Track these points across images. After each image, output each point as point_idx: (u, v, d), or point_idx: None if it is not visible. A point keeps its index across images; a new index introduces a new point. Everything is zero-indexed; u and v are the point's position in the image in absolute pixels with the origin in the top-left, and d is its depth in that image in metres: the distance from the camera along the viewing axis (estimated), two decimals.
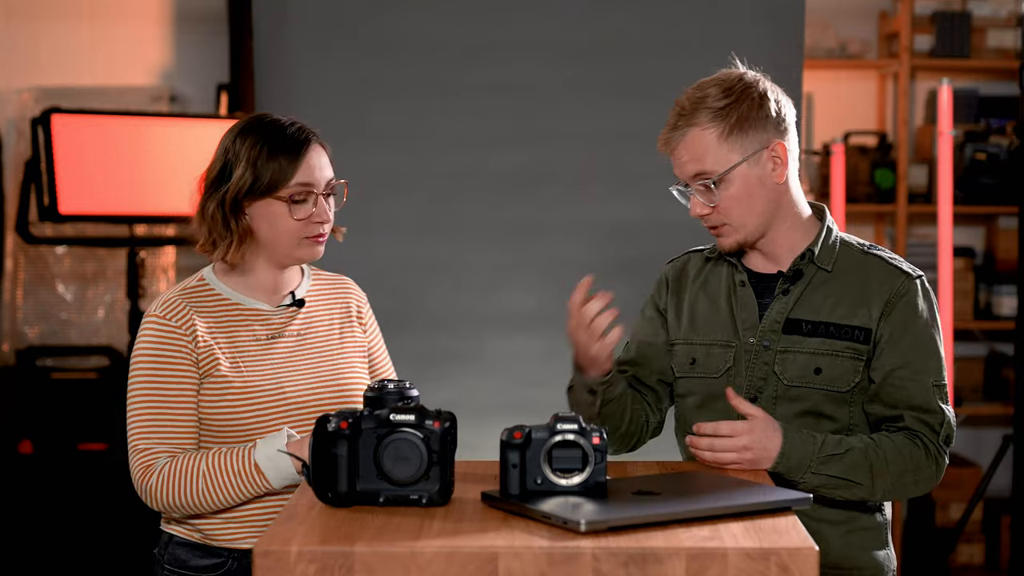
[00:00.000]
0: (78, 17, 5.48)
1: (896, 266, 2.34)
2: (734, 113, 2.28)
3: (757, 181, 2.30)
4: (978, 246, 5.69)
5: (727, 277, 2.41)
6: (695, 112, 2.29)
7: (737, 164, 2.28)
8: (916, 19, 5.48)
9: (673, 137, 2.32)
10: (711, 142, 2.28)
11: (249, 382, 2.33)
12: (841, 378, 2.30)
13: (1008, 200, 5.10)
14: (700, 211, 2.32)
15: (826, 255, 2.35)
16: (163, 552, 2.40)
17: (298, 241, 2.36)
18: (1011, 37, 5.50)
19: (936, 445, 2.29)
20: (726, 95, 2.28)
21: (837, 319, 2.30)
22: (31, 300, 5.43)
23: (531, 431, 1.93)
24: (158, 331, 2.33)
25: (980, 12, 5.53)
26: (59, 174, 4.60)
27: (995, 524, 5.38)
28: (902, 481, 2.26)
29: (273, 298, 2.43)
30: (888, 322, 2.29)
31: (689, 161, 2.31)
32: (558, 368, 4.11)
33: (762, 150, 2.29)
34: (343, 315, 2.50)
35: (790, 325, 2.32)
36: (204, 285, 2.41)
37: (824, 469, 2.23)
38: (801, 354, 2.31)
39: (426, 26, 4.06)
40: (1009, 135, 5.34)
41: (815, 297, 2.33)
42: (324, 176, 2.38)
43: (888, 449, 2.25)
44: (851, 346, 2.29)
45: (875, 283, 2.32)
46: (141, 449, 2.30)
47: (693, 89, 2.34)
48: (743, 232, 2.33)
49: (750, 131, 2.28)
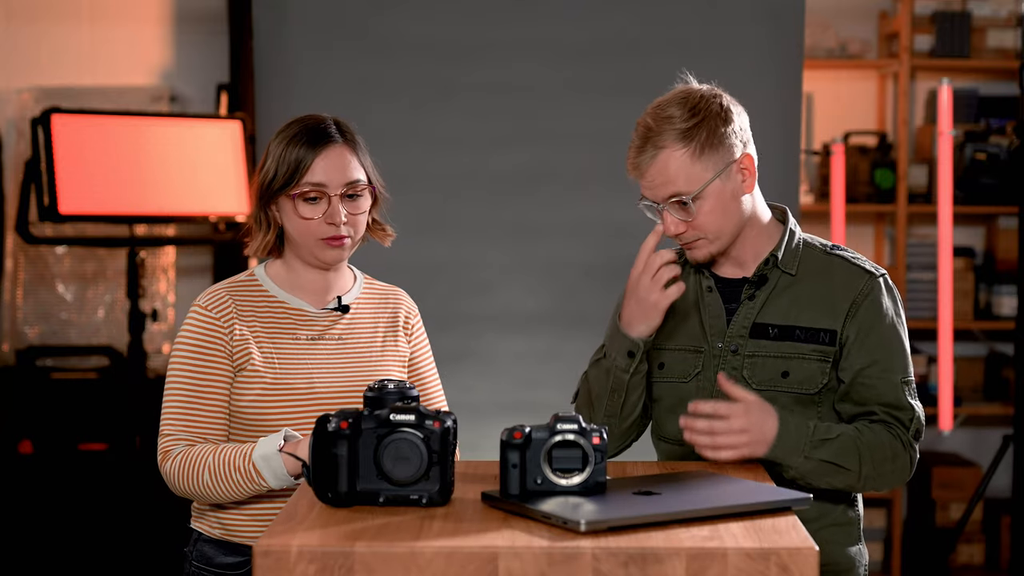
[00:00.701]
0: (78, 17, 5.48)
1: (859, 266, 2.38)
2: (702, 131, 2.28)
3: (730, 195, 2.33)
4: (978, 246, 5.69)
5: (694, 284, 2.44)
6: (662, 134, 2.29)
7: (710, 181, 2.30)
8: (916, 19, 5.48)
9: (642, 161, 2.31)
10: (683, 163, 2.29)
11: (280, 379, 2.35)
12: (809, 380, 2.33)
13: (1008, 200, 5.10)
14: (676, 230, 2.34)
15: (790, 259, 2.38)
16: (192, 549, 2.44)
17: (315, 242, 2.38)
18: (1011, 37, 5.50)
19: (907, 439, 2.32)
20: (692, 114, 2.29)
21: (803, 322, 2.34)
22: (31, 300, 5.43)
23: (531, 431, 1.93)
24: (198, 322, 2.37)
25: (980, 12, 5.53)
26: (59, 174, 4.60)
27: (995, 524, 5.38)
28: (882, 468, 2.29)
29: (319, 300, 2.45)
30: (854, 322, 2.33)
31: (662, 184, 2.31)
32: (558, 368, 4.12)
33: (732, 164, 2.32)
34: (389, 323, 2.51)
35: (757, 329, 2.36)
36: (253, 280, 2.44)
37: (816, 453, 2.25)
38: (769, 358, 2.34)
39: (426, 26, 4.06)
40: (1009, 135, 5.34)
41: (781, 301, 2.36)
42: (342, 178, 2.37)
43: (870, 437, 2.28)
44: (818, 348, 2.33)
45: (839, 284, 2.35)
46: (165, 434, 2.34)
47: (655, 109, 2.33)
48: (717, 244, 2.36)
49: (719, 147, 2.30)
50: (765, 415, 2.24)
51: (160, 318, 5.36)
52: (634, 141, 2.34)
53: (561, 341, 4.07)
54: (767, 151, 2.62)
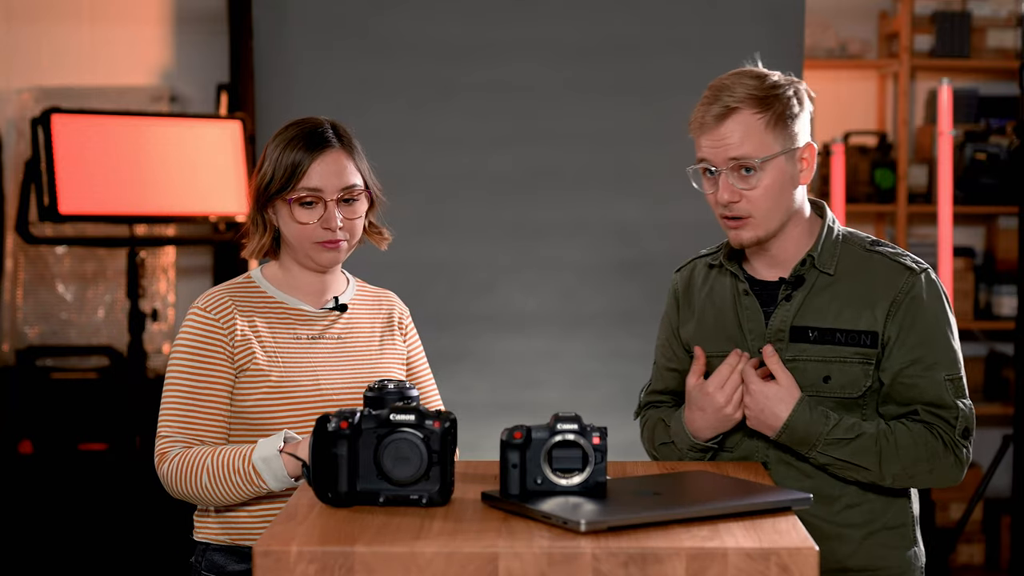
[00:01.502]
0: (78, 17, 5.48)
1: (900, 262, 2.30)
2: (778, 104, 2.24)
3: (789, 178, 2.27)
4: (978, 246, 5.69)
5: (731, 286, 2.39)
6: (738, 94, 2.23)
7: (778, 154, 2.24)
8: (916, 19, 5.48)
9: (713, 117, 2.23)
10: (758, 127, 2.23)
11: (285, 377, 2.36)
12: (851, 384, 2.28)
13: (1008, 200, 5.10)
14: (730, 197, 2.25)
15: (828, 257, 2.31)
16: (199, 559, 2.41)
17: (311, 245, 2.38)
18: (1011, 37, 5.50)
19: (952, 439, 2.24)
20: (772, 87, 2.24)
21: (843, 324, 2.28)
22: (31, 300, 5.44)
23: (531, 431, 1.93)
24: (198, 324, 2.37)
25: (980, 12, 5.53)
26: (59, 174, 4.60)
27: (995, 524, 5.38)
28: (915, 469, 2.24)
29: (316, 300, 2.46)
30: (894, 321, 2.26)
31: (731, 144, 2.23)
32: (558, 368, 4.13)
33: (796, 149, 2.27)
34: (385, 324, 2.53)
35: (796, 332, 2.30)
36: (251, 283, 2.45)
37: (830, 451, 2.23)
38: (810, 362, 2.29)
39: (426, 26, 4.06)
40: (1009, 135, 5.34)
41: (819, 301, 2.30)
42: (338, 182, 2.37)
43: (902, 436, 2.23)
44: (859, 351, 2.27)
45: (879, 282, 2.28)
46: (162, 436, 2.33)
47: (732, 74, 2.27)
48: (764, 227, 2.28)
49: (789, 127, 2.25)
50: (777, 401, 2.23)
51: (160, 318, 5.36)
52: (705, 98, 2.26)
53: (561, 341, 4.07)
54: None
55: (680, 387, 2.43)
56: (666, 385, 2.50)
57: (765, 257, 2.35)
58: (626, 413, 3.83)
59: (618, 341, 4.02)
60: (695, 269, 2.49)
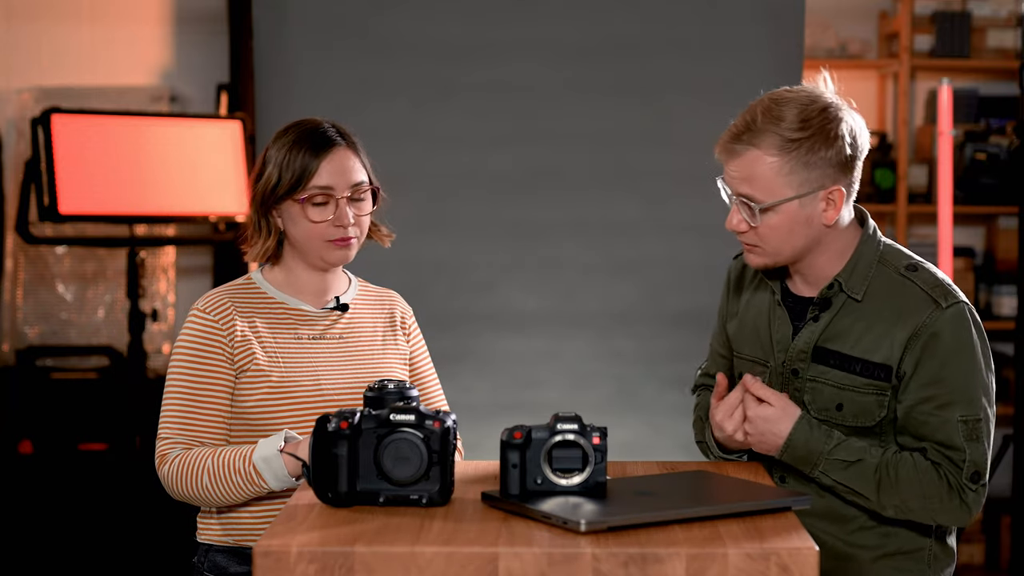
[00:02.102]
0: (78, 17, 5.48)
1: (929, 294, 2.21)
2: (802, 148, 2.16)
3: (804, 219, 2.20)
4: (978, 246, 5.69)
5: (768, 294, 2.36)
6: (764, 133, 2.16)
7: (787, 200, 2.18)
8: (916, 19, 5.47)
9: (733, 149, 2.19)
10: (768, 171, 2.17)
11: (286, 377, 2.36)
12: (864, 413, 2.24)
13: (1008, 200, 5.10)
14: (737, 227, 2.24)
15: (858, 281, 2.25)
16: (202, 560, 2.42)
17: (322, 244, 2.39)
18: (1011, 37, 5.50)
19: (959, 482, 2.18)
20: (802, 127, 2.16)
21: (861, 353, 2.23)
22: (31, 300, 5.43)
23: (531, 431, 1.93)
24: (197, 326, 2.37)
25: (980, 12, 5.53)
26: (59, 174, 4.60)
27: (995, 524, 5.38)
28: (915, 504, 2.19)
29: (318, 300, 2.46)
30: (911, 355, 2.20)
31: (740, 180, 2.20)
32: (558, 368, 4.12)
33: (818, 191, 2.18)
34: (387, 323, 2.53)
35: (818, 354, 2.27)
36: (251, 284, 2.45)
37: (830, 471, 2.20)
38: (827, 386, 2.26)
39: (426, 26, 4.06)
40: (1009, 135, 5.34)
41: (843, 323, 2.25)
42: (348, 180, 2.39)
43: (906, 470, 2.18)
44: (873, 383, 2.22)
45: (905, 313, 2.21)
46: (162, 438, 2.34)
47: (771, 102, 2.20)
48: (773, 259, 2.25)
49: (812, 170, 2.17)
50: (776, 421, 2.21)
51: (160, 318, 5.36)
52: (736, 123, 2.21)
53: (561, 341, 4.07)
54: None
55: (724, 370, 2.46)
56: (718, 368, 2.49)
57: (796, 274, 2.32)
58: (626, 413, 3.84)
59: (618, 341, 4.02)
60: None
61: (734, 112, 2.26)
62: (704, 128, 4.10)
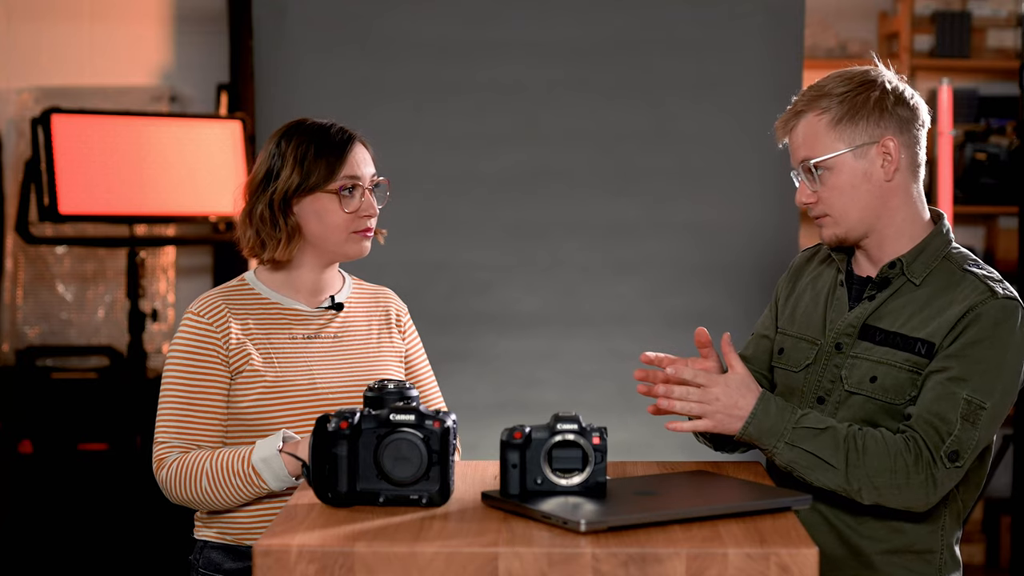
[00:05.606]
0: (78, 17, 5.48)
1: (986, 283, 2.22)
2: (848, 102, 2.25)
3: (863, 175, 2.25)
4: (978, 246, 5.69)
5: (832, 277, 2.38)
6: (816, 99, 2.27)
7: (841, 152, 2.24)
8: (916, 19, 5.48)
9: (784, 123, 2.32)
10: (820, 128, 2.26)
11: (281, 377, 2.36)
12: (895, 389, 2.21)
13: (1008, 200, 5.11)
14: (803, 198, 2.30)
15: (920, 268, 2.26)
16: (198, 556, 2.42)
17: (346, 236, 2.40)
18: (1011, 37, 5.50)
19: (933, 454, 2.12)
20: (845, 83, 2.27)
21: (907, 330, 2.23)
22: (31, 300, 5.43)
23: (531, 431, 1.93)
24: (192, 329, 2.37)
25: (980, 12, 5.53)
26: (59, 174, 4.60)
27: (995, 524, 5.38)
28: (881, 481, 2.11)
29: (313, 300, 2.46)
30: (953, 333, 2.18)
31: (795, 148, 2.29)
32: (558, 368, 4.12)
33: (871, 144, 2.25)
34: (382, 321, 2.53)
35: (866, 331, 2.27)
36: (244, 285, 2.45)
37: (797, 441, 2.14)
38: (866, 361, 2.25)
39: (426, 26, 4.06)
40: (1009, 135, 5.35)
41: (896, 305, 2.26)
42: (368, 172, 2.43)
43: (872, 443, 2.13)
44: (911, 358, 2.20)
45: (958, 299, 2.21)
46: (159, 442, 2.34)
47: (823, 78, 2.32)
48: (843, 225, 2.28)
49: (861, 122, 2.25)
50: (744, 390, 2.16)
51: (160, 318, 5.36)
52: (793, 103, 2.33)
53: (561, 341, 4.07)
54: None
55: (761, 355, 2.45)
56: (753, 352, 2.47)
57: (863, 254, 2.34)
58: (626, 413, 3.84)
59: (618, 341, 4.02)
60: (817, 253, 2.48)
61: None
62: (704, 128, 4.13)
